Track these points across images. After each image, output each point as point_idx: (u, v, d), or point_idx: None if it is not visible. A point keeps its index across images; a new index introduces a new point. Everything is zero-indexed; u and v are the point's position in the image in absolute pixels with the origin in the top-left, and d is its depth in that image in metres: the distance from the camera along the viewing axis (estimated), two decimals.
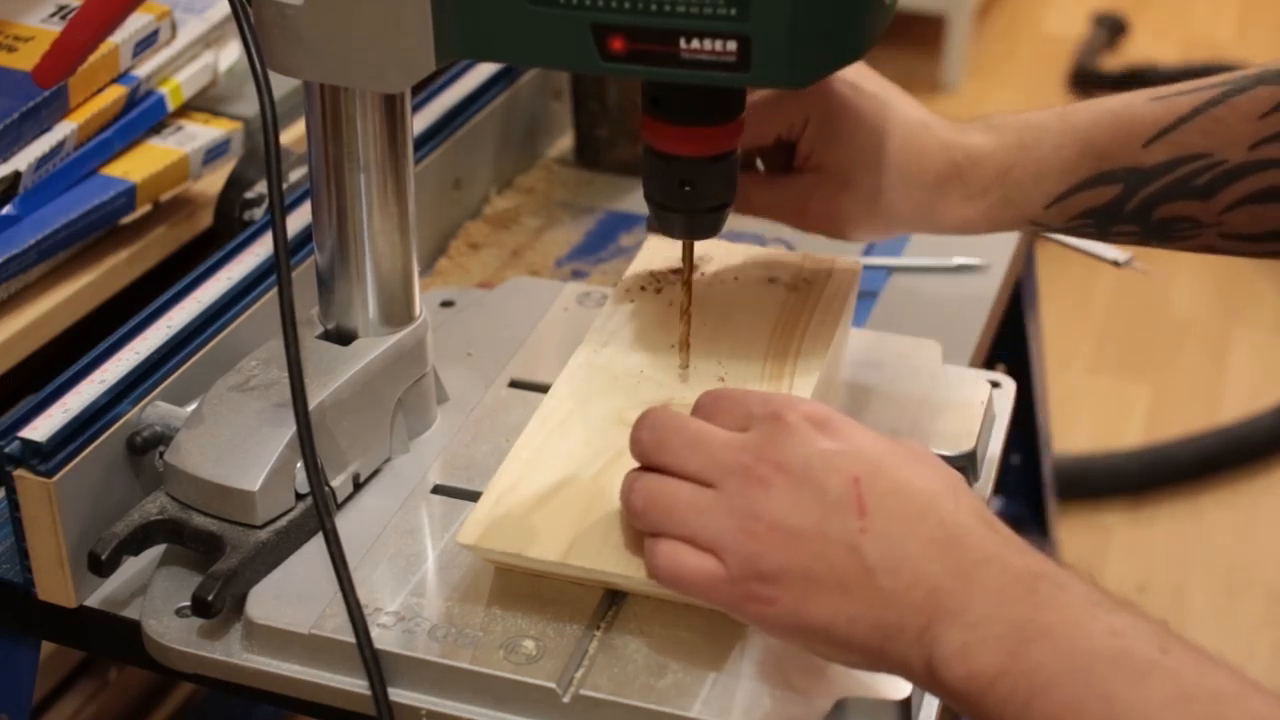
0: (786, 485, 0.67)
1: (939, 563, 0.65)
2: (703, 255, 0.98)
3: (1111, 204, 0.88)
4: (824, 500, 0.66)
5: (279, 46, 0.77)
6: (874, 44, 0.73)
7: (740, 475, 0.68)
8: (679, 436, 0.72)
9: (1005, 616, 0.63)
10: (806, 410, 0.69)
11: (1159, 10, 3.58)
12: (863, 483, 0.66)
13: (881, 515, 0.66)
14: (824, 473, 0.67)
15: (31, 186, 1.04)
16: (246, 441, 0.82)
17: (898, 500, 0.66)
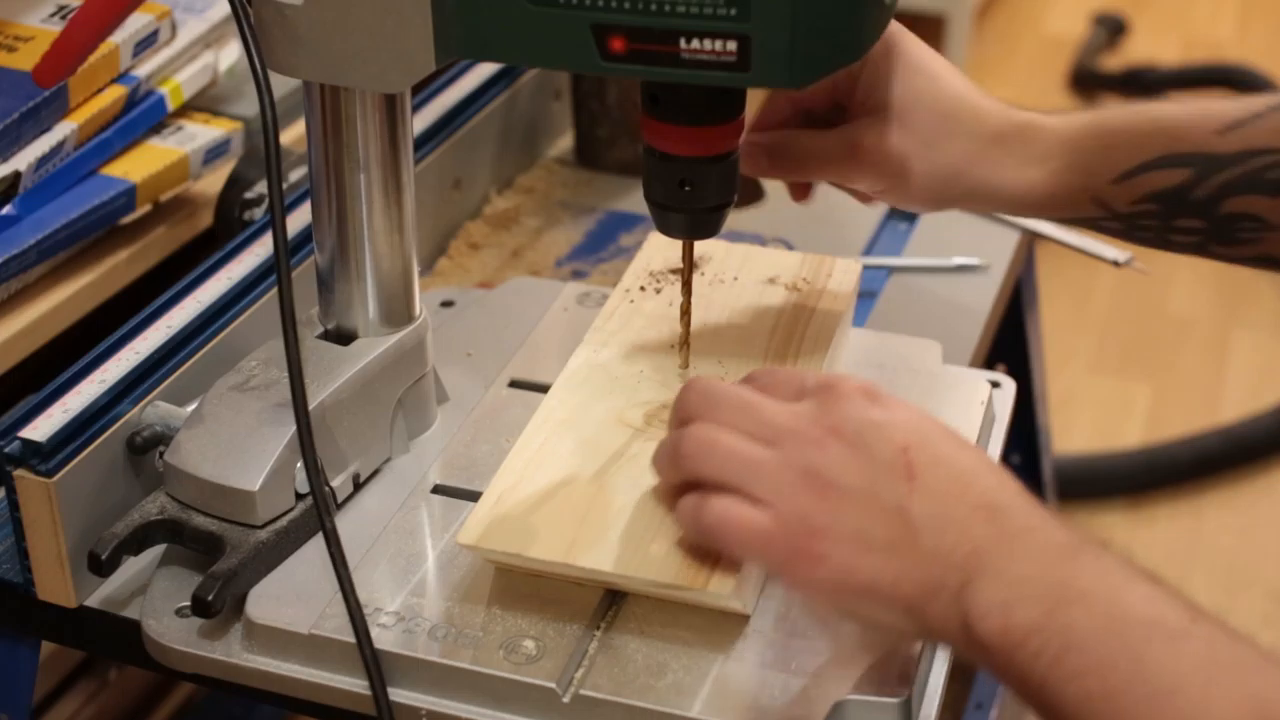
0: (840, 447, 0.69)
1: (982, 527, 0.67)
2: (703, 255, 0.98)
3: (1180, 189, 0.85)
4: (875, 463, 0.69)
5: (279, 46, 0.77)
6: (874, 44, 0.73)
7: (795, 435, 0.70)
8: (730, 400, 0.73)
9: (1045, 578, 0.65)
10: (859, 384, 0.71)
11: (1159, 10, 3.58)
12: (911, 451, 0.69)
13: (929, 481, 0.68)
14: (875, 439, 0.69)
15: (31, 186, 1.04)
16: (246, 441, 0.82)
17: (944, 469, 0.69)
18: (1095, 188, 0.87)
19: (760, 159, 0.90)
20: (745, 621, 0.78)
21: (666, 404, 0.87)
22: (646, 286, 0.97)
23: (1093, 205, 0.88)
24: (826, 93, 0.90)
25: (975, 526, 0.67)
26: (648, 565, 0.76)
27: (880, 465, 0.68)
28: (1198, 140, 0.85)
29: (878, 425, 0.69)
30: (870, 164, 0.88)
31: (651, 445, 0.83)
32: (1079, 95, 3.21)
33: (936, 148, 0.87)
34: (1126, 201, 0.87)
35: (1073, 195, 0.88)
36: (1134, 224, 0.88)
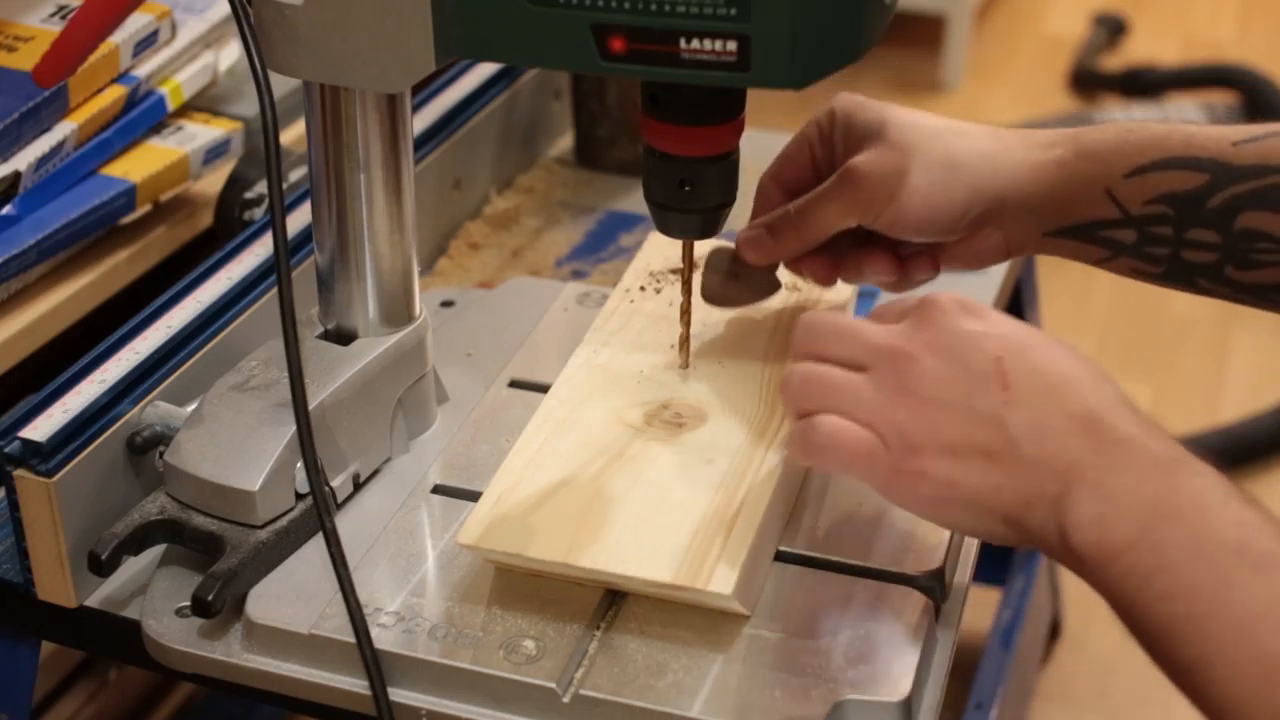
0: (933, 361, 0.70)
1: (1080, 437, 0.68)
2: (703, 255, 0.98)
3: (1194, 194, 0.83)
4: (969, 375, 0.70)
5: (279, 46, 0.77)
6: (874, 44, 0.73)
7: (889, 355, 0.71)
8: (832, 329, 0.75)
9: (1140, 493, 0.66)
10: (955, 296, 0.72)
11: (1159, 10, 3.58)
12: (1006, 360, 0.69)
13: (1025, 390, 0.69)
14: (969, 350, 0.70)
15: (31, 186, 1.04)
16: (246, 441, 0.82)
17: (1041, 379, 0.69)
18: (1109, 179, 0.84)
19: (764, 242, 0.87)
20: (745, 621, 0.78)
21: (666, 404, 0.87)
22: (646, 286, 0.97)
23: (1106, 201, 0.84)
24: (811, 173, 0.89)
25: (1073, 436, 0.68)
26: (648, 565, 0.76)
27: (975, 376, 0.69)
28: (1213, 149, 0.83)
29: (972, 336, 0.70)
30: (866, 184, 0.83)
31: (652, 445, 0.84)
32: (1079, 95, 3.21)
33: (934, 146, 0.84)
34: (1140, 200, 0.84)
35: (1085, 186, 0.84)
36: (1147, 232, 0.85)
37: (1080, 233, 0.86)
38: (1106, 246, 0.86)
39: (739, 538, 0.77)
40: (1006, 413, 0.69)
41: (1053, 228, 0.86)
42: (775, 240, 0.87)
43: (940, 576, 0.81)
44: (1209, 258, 0.84)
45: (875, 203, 0.83)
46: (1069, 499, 0.67)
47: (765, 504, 0.79)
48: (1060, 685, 1.74)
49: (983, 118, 3.21)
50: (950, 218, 0.85)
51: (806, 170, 0.88)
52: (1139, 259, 0.86)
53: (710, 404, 0.87)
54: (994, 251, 0.88)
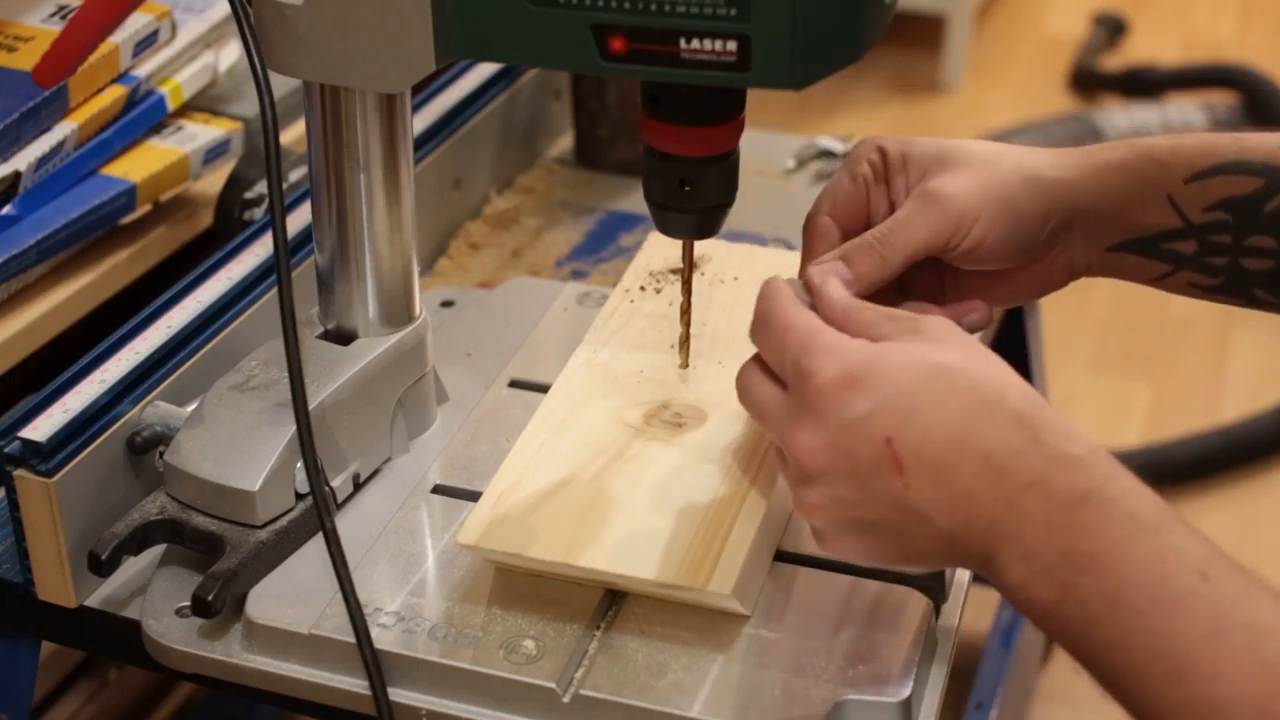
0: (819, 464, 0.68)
1: (988, 494, 0.65)
2: (703, 255, 0.98)
3: (1252, 198, 0.81)
4: (860, 469, 0.67)
5: (279, 46, 0.77)
6: (874, 44, 0.73)
7: (786, 449, 0.69)
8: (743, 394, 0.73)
9: (1054, 546, 0.64)
10: (836, 368, 0.67)
11: (1159, 10, 3.58)
12: (895, 440, 0.66)
13: (922, 466, 0.66)
14: (855, 442, 0.67)
15: (31, 186, 1.04)
16: (246, 441, 0.82)
17: (934, 445, 0.66)
18: (1169, 184, 0.83)
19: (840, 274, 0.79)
20: (745, 621, 0.78)
21: (666, 404, 0.87)
22: (646, 286, 0.97)
23: (1167, 208, 0.83)
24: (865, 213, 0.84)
25: (980, 495, 0.65)
26: (647, 565, 0.76)
27: (866, 469, 0.67)
28: (1264, 153, 0.82)
29: (855, 424, 0.66)
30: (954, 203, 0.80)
31: (652, 445, 0.84)
32: (1079, 95, 3.21)
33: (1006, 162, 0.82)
34: (1199, 207, 0.82)
35: (1148, 191, 0.83)
36: (1206, 242, 0.83)
37: (1143, 246, 0.84)
38: (1168, 260, 0.84)
39: (739, 538, 0.77)
40: (909, 496, 0.66)
41: (1117, 240, 0.84)
42: (853, 269, 0.79)
43: (940, 576, 0.81)
44: (1267, 265, 0.83)
45: (964, 220, 0.80)
46: (996, 563, 0.66)
47: (765, 504, 0.79)
48: (1060, 685, 1.74)
49: (983, 118, 3.21)
50: (1031, 233, 0.82)
51: (861, 209, 0.83)
52: (1198, 271, 0.84)
53: (710, 404, 0.87)
54: (1059, 274, 0.85)
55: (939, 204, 0.80)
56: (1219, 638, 0.60)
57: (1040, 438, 0.66)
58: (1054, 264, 0.85)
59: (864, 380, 0.67)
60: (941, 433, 0.66)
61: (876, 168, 0.83)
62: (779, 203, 1.24)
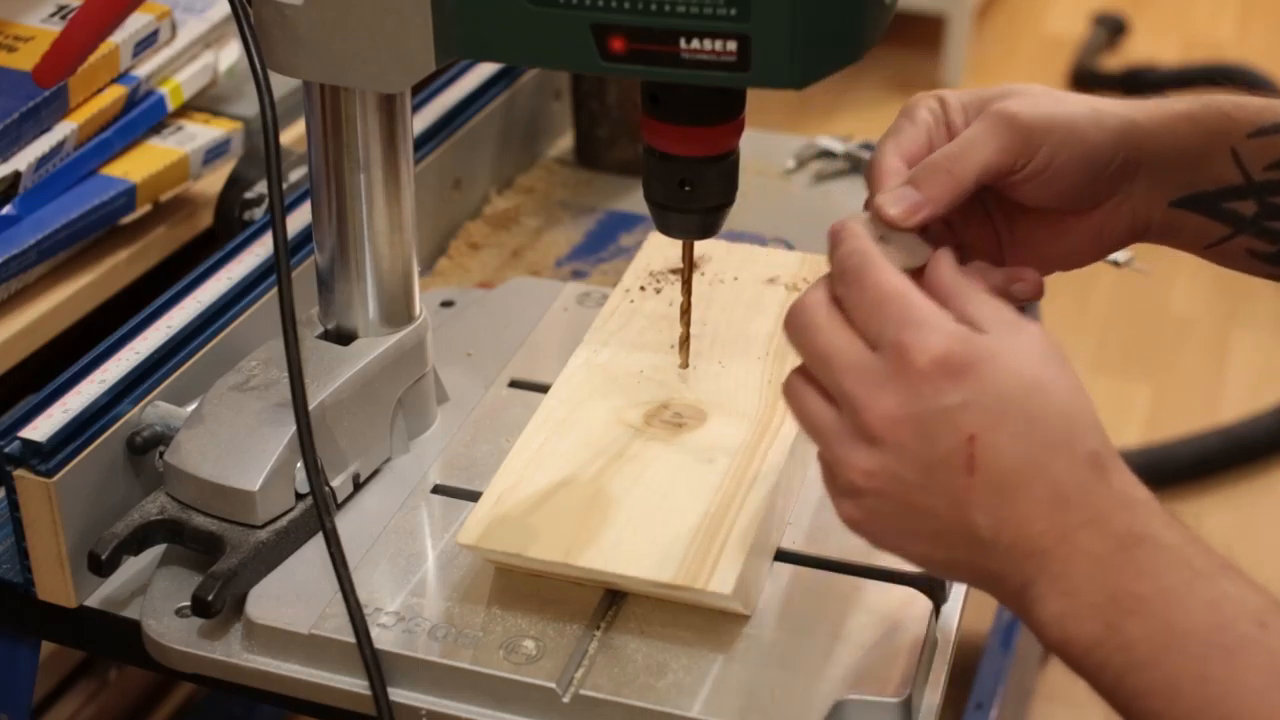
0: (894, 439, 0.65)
1: (1043, 523, 0.63)
2: (703, 255, 0.98)
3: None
4: (932, 458, 0.64)
5: (279, 46, 0.77)
6: (874, 44, 0.73)
7: (852, 413, 0.66)
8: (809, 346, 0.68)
9: (1103, 585, 0.62)
10: (937, 350, 0.65)
11: (1159, 10, 3.58)
12: (979, 440, 0.64)
13: (993, 473, 0.64)
14: (938, 429, 0.64)
15: (31, 186, 1.04)
16: (246, 441, 0.82)
17: (1012, 457, 0.64)
18: (1233, 138, 0.82)
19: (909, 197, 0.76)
20: (745, 621, 0.78)
21: (666, 404, 0.87)
22: (646, 286, 0.97)
23: (1230, 163, 0.82)
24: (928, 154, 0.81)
25: (1035, 522, 0.63)
26: (647, 565, 0.76)
27: (938, 460, 0.64)
28: None
29: (946, 413, 0.64)
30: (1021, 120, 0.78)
31: (652, 445, 0.84)
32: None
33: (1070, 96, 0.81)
34: (1260, 165, 0.81)
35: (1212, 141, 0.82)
36: (1266, 203, 0.81)
37: (1204, 203, 0.82)
38: (1228, 221, 0.82)
39: (739, 538, 0.77)
40: (968, 500, 0.64)
41: (1180, 194, 0.82)
42: (923, 190, 0.76)
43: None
44: None
45: (1033, 138, 0.78)
46: (1032, 592, 0.64)
47: (765, 504, 0.79)
48: (1060, 685, 1.74)
49: None
50: (1098, 165, 0.80)
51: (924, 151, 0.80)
52: (1257, 236, 0.82)
53: (710, 404, 0.87)
54: (1119, 229, 0.83)
55: (1007, 121, 0.78)
56: (1277, 689, 0.59)
57: (1109, 479, 0.64)
58: (1115, 215, 0.82)
59: (966, 372, 0.64)
60: (1021, 449, 0.64)
61: (936, 113, 0.81)
62: (779, 203, 1.24)
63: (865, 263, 0.69)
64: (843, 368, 0.67)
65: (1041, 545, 0.63)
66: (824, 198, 1.27)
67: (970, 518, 0.64)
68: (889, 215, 0.75)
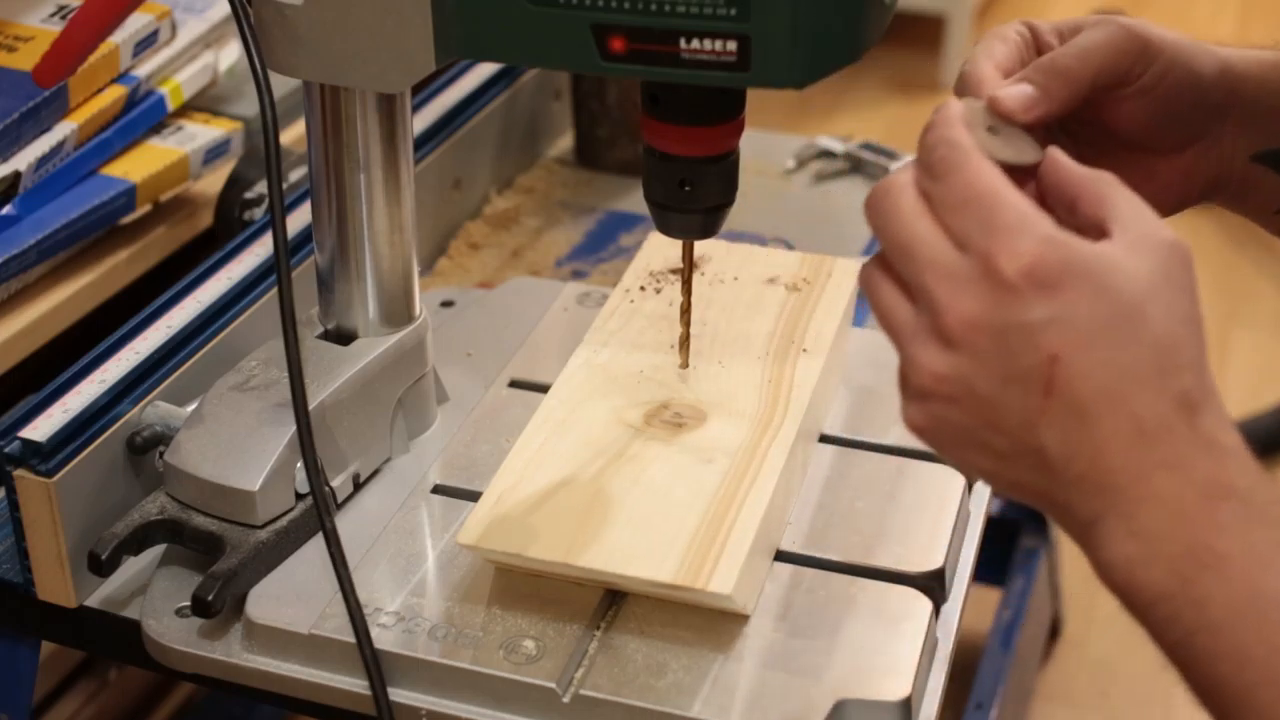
0: (972, 346, 0.61)
1: (1119, 458, 0.59)
2: (703, 255, 0.98)
3: None
4: (1009, 371, 0.60)
5: (279, 46, 0.77)
6: (874, 44, 0.73)
7: (932, 313, 0.62)
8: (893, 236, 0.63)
9: (1180, 536, 0.59)
10: (1027, 260, 0.60)
11: (1159, 10, 3.58)
12: (1060, 361, 0.59)
13: (1069, 399, 0.60)
14: (1020, 344, 0.60)
15: (31, 186, 1.04)
16: (246, 441, 0.82)
17: (1094, 382, 0.59)
18: None
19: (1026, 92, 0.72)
20: (745, 621, 0.78)
21: (666, 404, 0.87)
22: (646, 286, 0.97)
23: None
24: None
25: (1112, 455, 0.59)
26: (647, 565, 0.76)
27: (1015, 375, 0.60)
28: None
29: (1029, 329, 0.59)
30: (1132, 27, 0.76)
31: (652, 445, 0.84)
32: None
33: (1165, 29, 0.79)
34: None
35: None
36: None
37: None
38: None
39: (739, 538, 0.77)
40: (1041, 421, 0.60)
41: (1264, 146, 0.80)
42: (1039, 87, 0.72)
43: (940, 576, 0.81)
44: None
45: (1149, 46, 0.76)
46: (1097, 529, 0.60)
47: (765, 504, 0.79)
48: (1060, 685, 1.74)
49: None
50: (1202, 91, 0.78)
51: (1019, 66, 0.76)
52: None
53: (710, 404, 0.87)
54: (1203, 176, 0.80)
55: (1126, 29, 0.75)
56: None
57: (1197, 421, 0.60)
58: (1202, 160, 0.80)
59: (1058, 286, 0.60)
60: (1104, 377, 0.60)
61: (1025, 35, 0.77)
62: (779, 203, 1.24)
63: (957, 155, 0.63)
64: (926, 262, 0.62)
65: (1115, 481, 0.59)
66: (824, 198, 1.27)
67: (1041, 441, 0.60)
68: (1006, 107, 0.70)
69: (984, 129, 0.69)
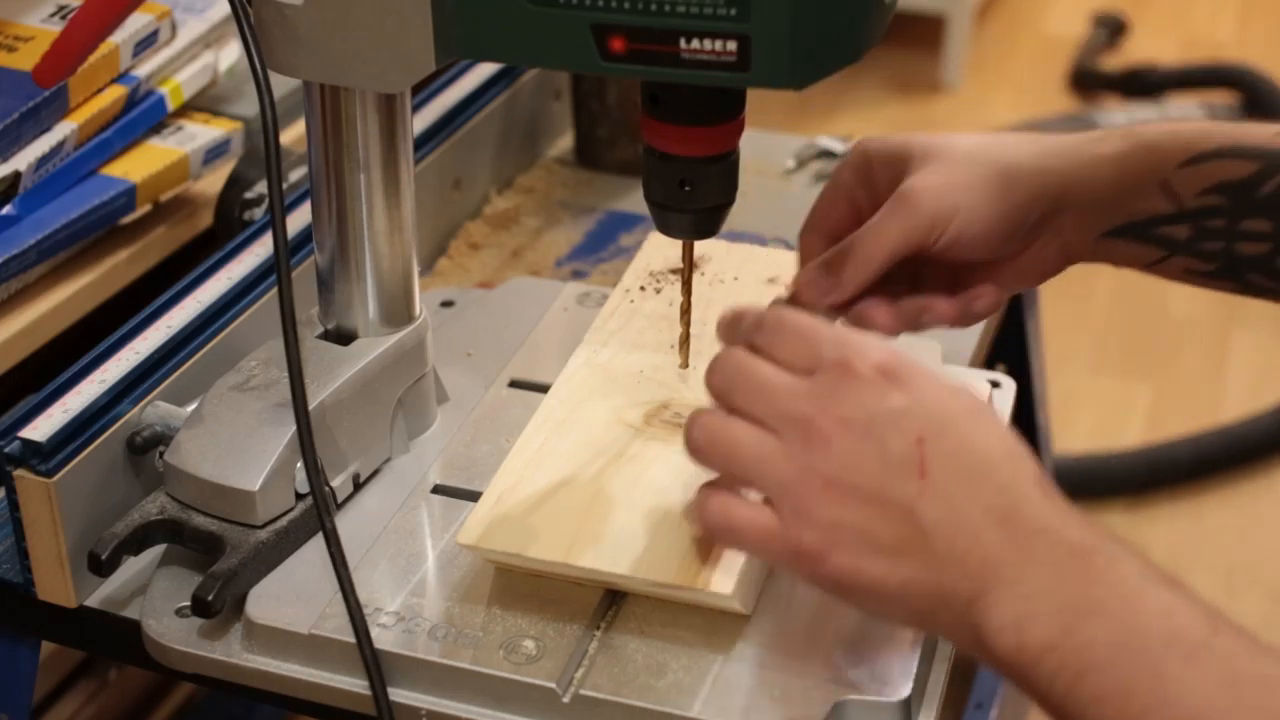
0: (848, 441, 0.66)
1: (996, 531, 0.64)
2: (703, 255, 0.98)
3: (1247, 182, 0.82)
4: (885, 459, 0.65)
5: (279, 46, 0.77)
6: (874, 45, 0.73)
7: (803, 427, 0.67)
8: (745, 381, 0.70)
9: (1059, 590, 0.62)
10: (877, 359, 0.67)
11: (1159, 10, 3.58)
12: (927, 443, 0.65)
13: (943, 478, 0.65)
14: (888, 431, 0.65)
15: (31, 186, 1.04)
16: (246, 441, 0.82)
17: (960, 463, 0.65)
18: (1163, 171, 0.83)
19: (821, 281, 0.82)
20: (745, 621, 0.78)
21: (666, 404, 0.87)
22: (646, 286, 0.97)
23: (1160, 194, 0.83)
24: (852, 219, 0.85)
25: (988, 530, 0.64)
26: (647, 565, 0.76)
27: (891, 461, 0.65)
28: (1259, 138, 0.83)
29: (893, 415, 0.66)
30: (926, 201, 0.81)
31: (652, 445, 0.84)
32: (1079, 95, 3.21)
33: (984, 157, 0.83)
34: (1194, 190, 0.83)
35: (1141, 178, 0.83)
36: (1201, 226, 0.83)
37: (1136, 231, 0.84)
38: (1161, 245, 0.84)
39: None
40: (920, 504, 0.64)
41: (1109, 227, 0.84)
42: (833, 276, 0.82)
43: None
44: (1262, 249, 0.83)
45: (938, 220, 0.81)
46: (984, 602, 0.63)
47: None
48: None
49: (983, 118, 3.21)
50: (1012, 226, 0.83)
51: (846, 218, 0.84)
52: (1192, 256, 0.84)
53: (710, 404, 0.87)
54: (1052, 261, 0.86)
55: (912, 204, 0.81)
56: (1233, 686, 0.60)
57: (1053, 494, 0.66)
58: (1046, 249, 0.85)
59: (904, 380, 0.67)
60: (970, 456, 0.65)
61: (859, 172, 0.84)
62: (779, 203, 1.24)
63: (780, 311, 0.72)
64: (786, 393, 0.68)
65: (997, 554, 0.64)
66: None
67: (924, 524, 0.65)
68: (805, 298, 0.82)
69: None
